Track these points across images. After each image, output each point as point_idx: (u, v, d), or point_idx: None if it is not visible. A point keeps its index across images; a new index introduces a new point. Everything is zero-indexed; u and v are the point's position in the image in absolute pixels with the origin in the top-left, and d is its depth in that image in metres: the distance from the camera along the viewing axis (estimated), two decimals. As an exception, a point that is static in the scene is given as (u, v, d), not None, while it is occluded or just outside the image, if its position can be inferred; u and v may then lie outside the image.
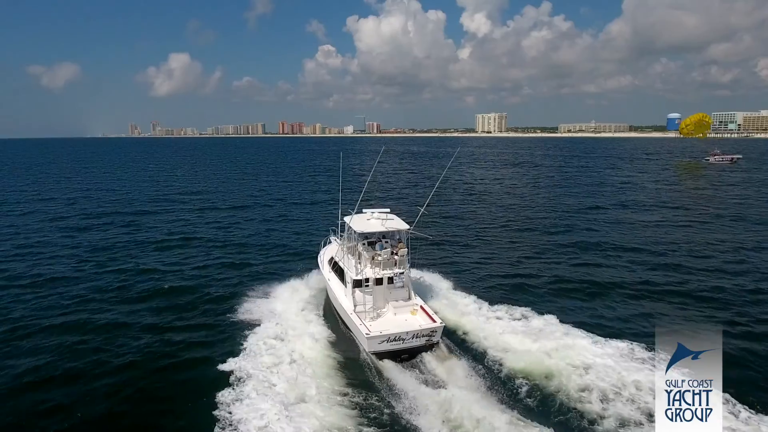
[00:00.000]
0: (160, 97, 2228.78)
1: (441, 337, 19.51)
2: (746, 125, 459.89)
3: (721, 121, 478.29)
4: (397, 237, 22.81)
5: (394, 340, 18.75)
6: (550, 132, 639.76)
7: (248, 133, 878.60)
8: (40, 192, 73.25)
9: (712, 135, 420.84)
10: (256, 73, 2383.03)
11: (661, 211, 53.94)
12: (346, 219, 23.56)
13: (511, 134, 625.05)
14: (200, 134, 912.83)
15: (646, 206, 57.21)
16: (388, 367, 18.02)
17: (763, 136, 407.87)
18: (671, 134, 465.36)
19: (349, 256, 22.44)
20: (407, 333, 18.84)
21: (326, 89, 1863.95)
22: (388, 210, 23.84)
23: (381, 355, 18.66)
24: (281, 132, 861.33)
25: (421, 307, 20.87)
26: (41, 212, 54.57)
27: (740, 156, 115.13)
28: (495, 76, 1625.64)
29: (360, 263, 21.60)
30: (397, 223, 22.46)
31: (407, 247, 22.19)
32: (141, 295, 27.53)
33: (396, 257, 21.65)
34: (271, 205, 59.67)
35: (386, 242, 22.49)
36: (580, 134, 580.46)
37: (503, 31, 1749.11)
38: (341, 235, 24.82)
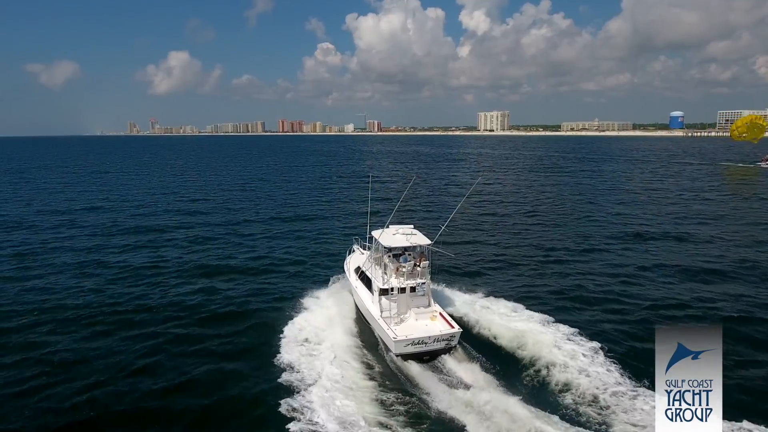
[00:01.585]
0: (159, 95, 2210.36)
1: (458, 342, 21.29)
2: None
3: (728, 119, 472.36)
4: (419, 250, 24.52)
5: (418, 343, 20.56)
6: (553, 130, 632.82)
7: (248, 132, 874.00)
8: (42, 202, 66.43)
9: (720, 133, 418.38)
10: (255, 71, 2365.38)
11: (747, 228, 47.49)
12: (375, 234, 25.61)
13: (514, 133, 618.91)
14: (199, 132, 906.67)
15: (721, 221, 51.14)
16: (412, 367, 19.94)
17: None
18: (678, 133, 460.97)
19: (376, 266, 24.55)
20: (429, 337, 20.68)
21: (325, 87, 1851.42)
22: (412, 226, 25.87)
23: (406, 357, 20.54)
24: (281, 130, 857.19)
25: (440, 313, 22.65)
26: (45, 227, 48.43)
27: None
28: (494, 74, 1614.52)
29: (386, 274, 23.69)
30: (420, 239, 24.25)
31: (428, 260, 24.13)
32: (180, 309, 27.55)
33: (418, 269, 23.61)
34: (295, 216, 56.95)
35: (409, 255, 24.34)
36: (584, 133, 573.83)
37: (503, 28, 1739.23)
38: (369, 248, 27.25)
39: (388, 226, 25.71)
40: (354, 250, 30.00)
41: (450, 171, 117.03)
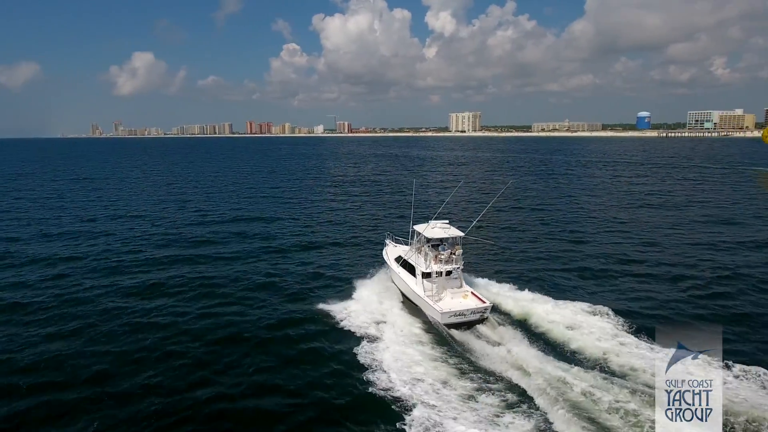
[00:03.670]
0: (122, 96, 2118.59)
1: (490, 313, 25.96)
2: (722, 124, 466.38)
3: (697, 120, 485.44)
4: (450, 242, 28.81)
5: (459, 315, 25.28)
6: (524, 131, 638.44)
7: (215, 133, 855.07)
8: (43, 215, 57.10)
9: (693, 134, 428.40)
10: (221, 72, 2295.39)
11: None
12: (417, 228, 30.10)
13: (486, 134, 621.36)
14: (165, 134, 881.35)
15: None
16: (455, 333, 24.53)
17: (740, 135, 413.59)
18: (651, 133, 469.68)
19: (418, 255, 28.79)
20: (468, 310, 25.47)
21: (292, 88, 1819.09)
22: (448, 221, 30.24)
23: (449, 326, 25.02)
24: (249, 131, 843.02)
25: (472, 292, 27.26)
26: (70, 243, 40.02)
27: None
28: (461, 75, 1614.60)
29: (426, 261, 27.86)
30: (454, 231, 28.77)
31: (461, 249, 28.73)
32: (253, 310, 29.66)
33: (453, 256, 28.05)
34: (326, 220, 57.70)
35: (446, 245, 28.71)
36: (555, 133, 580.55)
37: (469, 30, 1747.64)
38: (399, 241, 33.51)
39: (428, 222, 29.92)
40: (387, 243, 34.52)
41: (467, 175, 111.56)
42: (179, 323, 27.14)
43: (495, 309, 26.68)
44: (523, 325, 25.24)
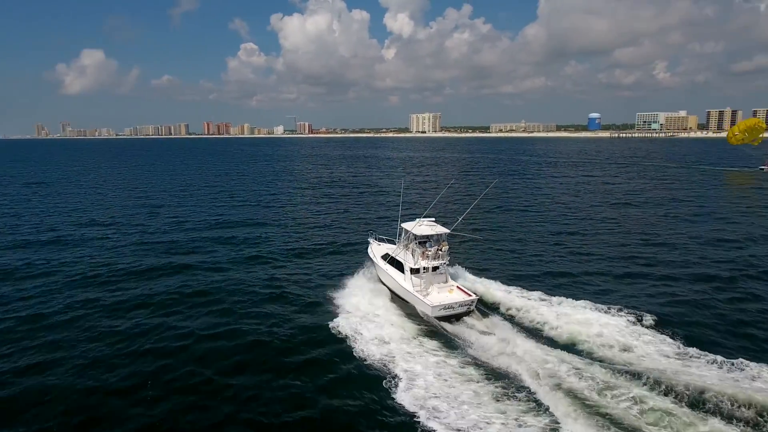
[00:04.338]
0: (70, 95, 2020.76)
1: (476, 306, 27.49)
2: (668, 125, 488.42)
3: (645, 121, 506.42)
4: (436, 238, 29.79)
5: (448, 308, 26.55)
6: (483, 131, 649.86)
7: (170, 134, 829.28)
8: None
9: (642, 135, 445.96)
10: (176, 72, 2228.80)
11: None
12: (405, 225, 31.14)
13: (447, 134, 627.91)
14: (117, 135, 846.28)
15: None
16: (445, 325, 25.75)
17: (685, 135, 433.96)
18: (603, 134, 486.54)
19: (406, 251, 29.94)
20: (456, 303, 26.77)
21: (250, 88, 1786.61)
22: (434, 219, 31.69)
23: (439, 319, 26.21)
24: (207, 132, 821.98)
25: (457, 287, 28.49)
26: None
27: None
28: (419, 77, 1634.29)
29: (415, 257, 29.06)
30: (440, 229, 29.92)
31: (447, 245, 29.87)
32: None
33: (440, 252, 29.06)
34: (314, 224, 54.39)
35: (432, 242, 29.70)
36: (513, 134, 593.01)
37: (426, 32, 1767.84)
38: (382, 239, 35.30)
39: (416, 220, 31.40)
40: (371, 243, 35.23)
41: (445, 176, 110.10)
42: (181, 349, 23.58)
43: (539, 334, 24.66)
44: (574, 350, 22.57)
